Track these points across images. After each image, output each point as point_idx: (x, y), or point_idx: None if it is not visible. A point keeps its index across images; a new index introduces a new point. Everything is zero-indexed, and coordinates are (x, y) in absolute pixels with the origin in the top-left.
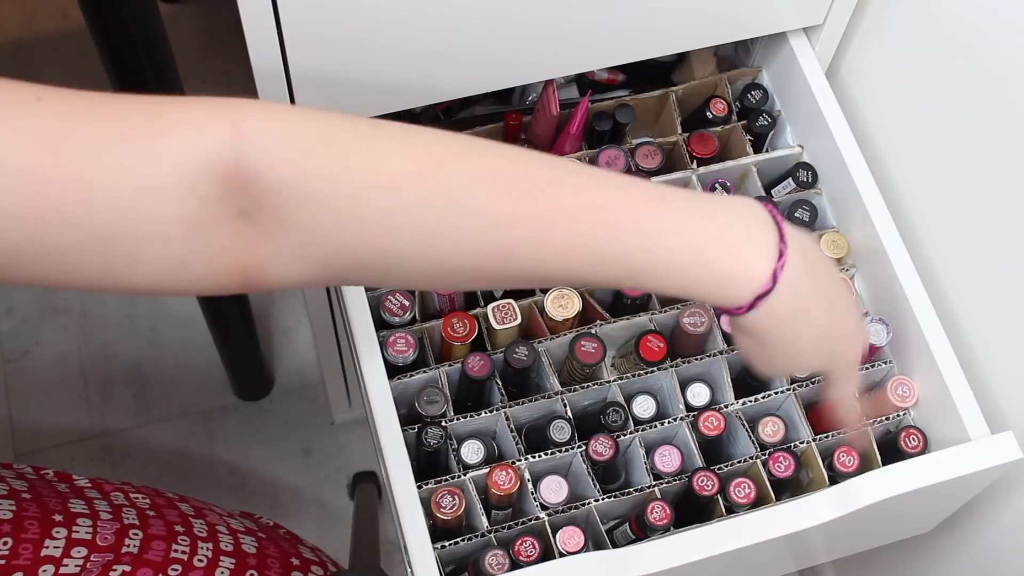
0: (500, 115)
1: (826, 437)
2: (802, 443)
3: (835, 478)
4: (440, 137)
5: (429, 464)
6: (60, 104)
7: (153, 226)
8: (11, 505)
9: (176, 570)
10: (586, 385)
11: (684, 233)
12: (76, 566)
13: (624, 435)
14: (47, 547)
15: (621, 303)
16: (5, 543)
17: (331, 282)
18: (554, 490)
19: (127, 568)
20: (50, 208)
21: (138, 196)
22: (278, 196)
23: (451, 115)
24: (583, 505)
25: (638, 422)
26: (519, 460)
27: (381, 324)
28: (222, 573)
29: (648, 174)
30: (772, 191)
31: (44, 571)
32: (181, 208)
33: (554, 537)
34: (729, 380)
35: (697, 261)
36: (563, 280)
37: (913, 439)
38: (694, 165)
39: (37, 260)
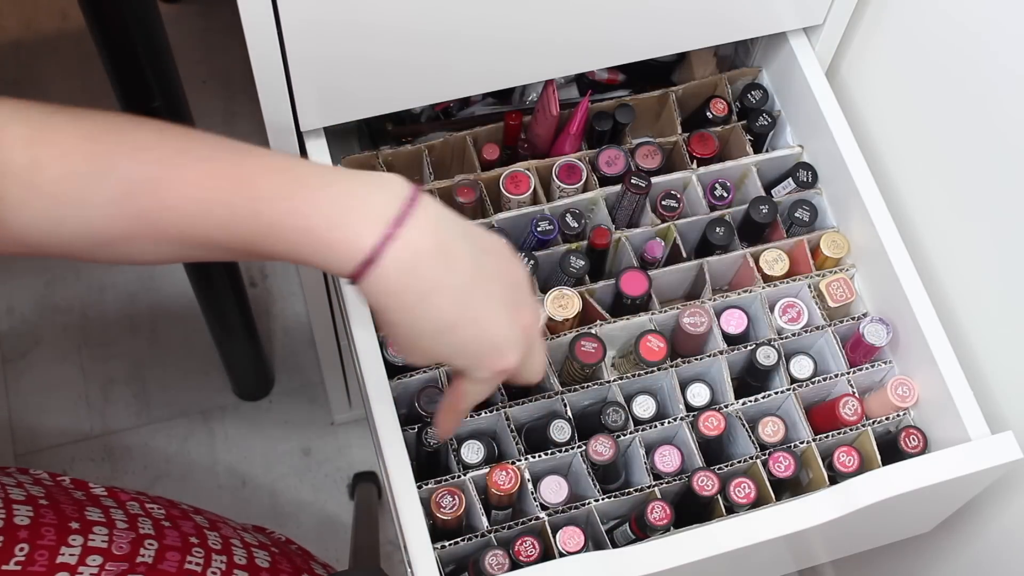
0: (500, 115)
1: (826, 437)
2: (802, 443)
3: (835, 478)
4: (106, 115)
5: (429, 464)
6: None
7: None
8: (29, 511)
9: None
10: (586, 385)
11: (293, 199)
12: (91, 574)
13: (624, 435)
14: (63, 554)
15: (621, 303)
16: (21, 549)
17: (38, 254)
18: (554, 490)
19: None
20: None
21: None
22: None
23: (451, 115)
24: (583, 505)
25: (638, 422)
26: (519, 460)
27: None
28: None
29: (648, 174)
30: (772, 191)
31: None
32: None
33: (554, 537)
34: (729, 380)
35: (303, 226)
36: (210, 244)
37: (913, 439)
38: (694, 165)
39: None
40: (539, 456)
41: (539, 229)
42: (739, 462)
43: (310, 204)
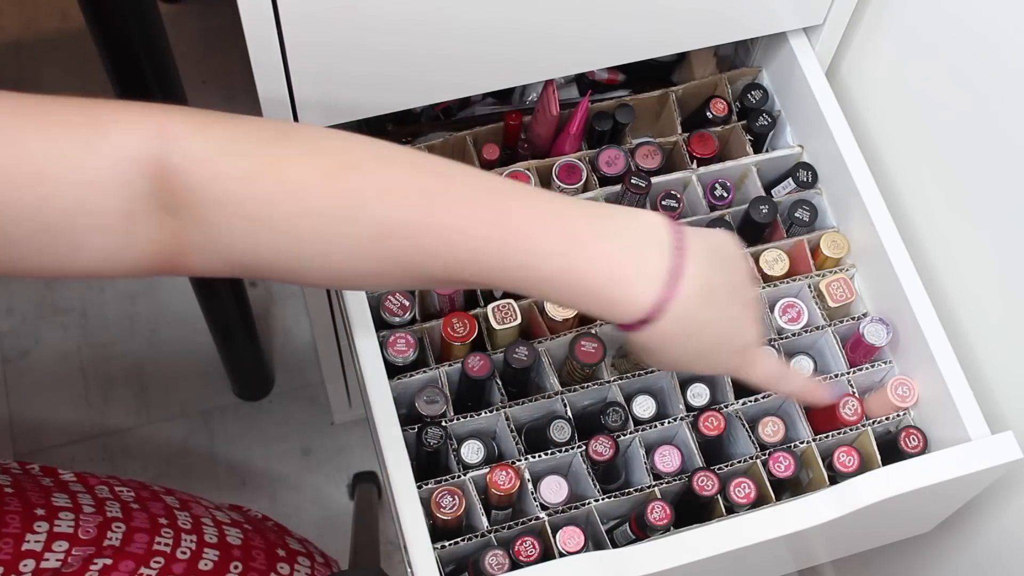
0: (500, 115)
1: (826, 437)
2: (802, 443)
3: (835, 478)
4: (345, 143)
5: (429, 464)
6: (10, 104)
7: (96, 216)
8: None
9: (159, 563)
10: (586, 385)
11: (569, 255)
12: (57, 560)
13: (624, 435)
14: (28, 541)
15: None
16: None
17: (249, 275)
18: (554, 490)
19: (108, 561)
20: (8, 201)
21: (84, 189)
22: (195, 195)
23: (451, 115)
24: (583, 505)
25: (638, 422)
26: (519, 460)
27: (381, 324)
28: (205, 565)
29: (648, 174)
30: (772, 191)
31: (25, 566)
32: (119, 201)
33: (554, 537)
34: (729, 380)
35: (581, 284)
36: (459, 285)
37: (913, 439)
38: (694, 165)
39: None
40: (539, 456)
41: None
42: (739, 462)
43: (588, 262)
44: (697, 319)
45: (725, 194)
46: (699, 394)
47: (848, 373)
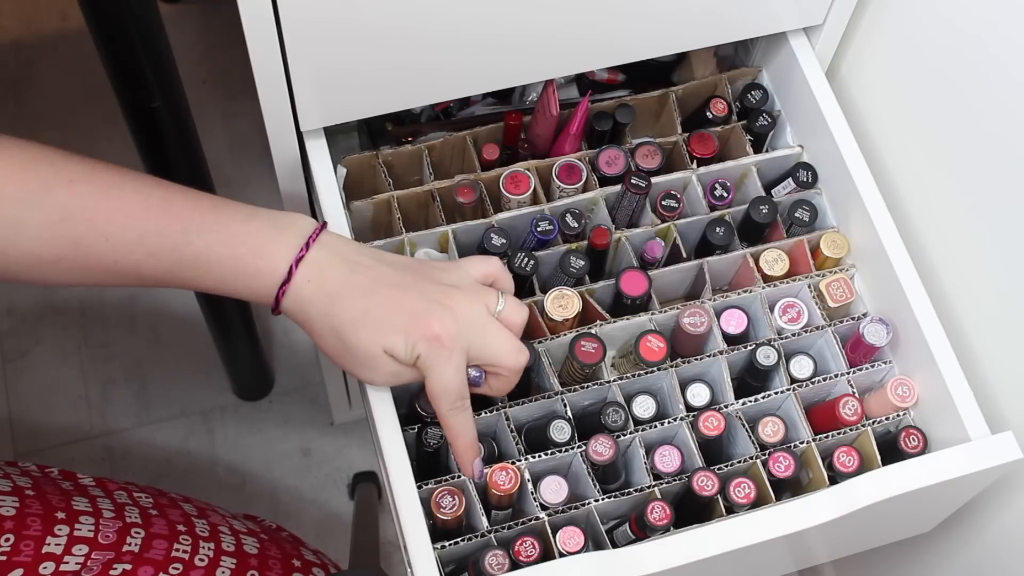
0: (500, 115)
1: (826, 437)
2: (802, 443)
3: (835, 478)
4: (37, 146)
5: (429, 464)
6: None
7: None
8: (15, 502)
9: (177, 569)
10: (586, 385)
11: (221, 231)
12: (77, 564)
13: (624, 435)
14: (48, 544)
15: (621, 303)
16: (7, 539)
17: None
18: (554, 490)
19: (128, 567)
20: None
21: None
22: None
23: (451, 115)
24: (583, 505)
25: (638, 422)
26: (519, 460)
27: None
28: (223, 573)
29: (648, 174)
30: (772, 191)
31: (45, 568)
32: None
33: (554, 537)
34: (729, 380)
35: (230, 255)
36: (132, 273)
37: (913, 439)
38: (694, 165)
39: None
40: (539, 456)
41: (539, 229)
42: (739, 462)
43: (237, 236)
44: (333, 280)
45: (725, 194)
46: (699, 394)
47: (848, 373)
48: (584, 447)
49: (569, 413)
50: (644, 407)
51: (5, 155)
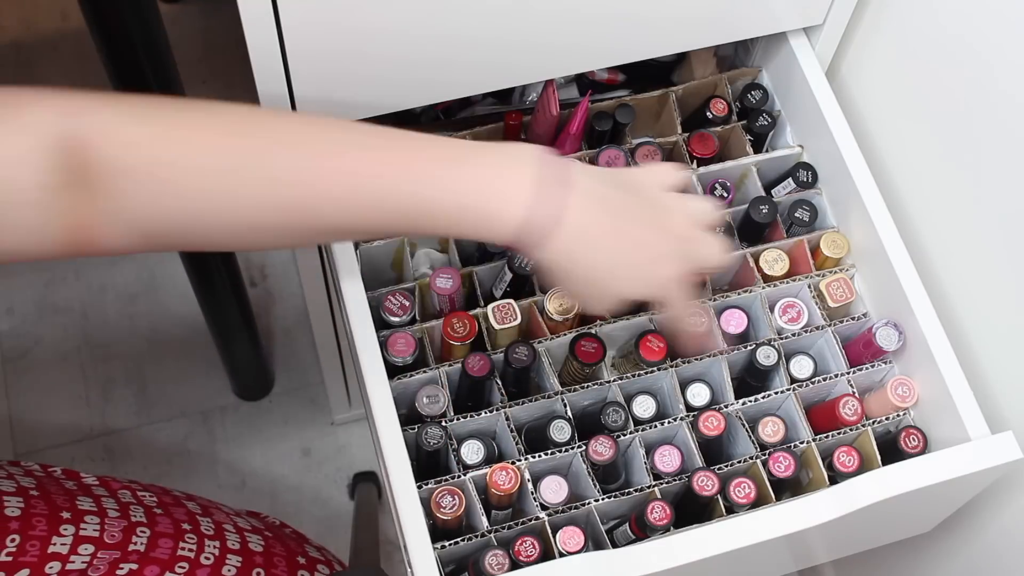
0: (500, 115)
1: (826, 437)
2: (802, 443)
3: (835, 478)
4: (241, 107)
5: (429, 464)
6: None
7: (13, 193)
8: (19, 502)
9: (183, 568)
10: (586, 385)
11: (448, 176)
12: (83, 563)
13: (624, 435)
14: (54, 544)
15: None
16: (13, 540)
17: (154, 246)
18: (554, 490)
19: (134, 566)
20: None
21: (6, 167)
22: (106, 164)
23: (451, 115)
24: (583, 505)
25: (638, 422)
26: (519, 460)
27: (381, 324)
28: (229, 571)
29: None
30: (772, 191)
31: (51, 568)
32: (35, 175)
33: (554, 537)
34: (729, 380)
35: (460, 201)
36: (359, 229)
37: (913, 439)
38: (694, 165)
39: None
40: (539, 456)
41: None
42: (739, 462)
43: (466, 179)
44: (594, 226)
45: (725, 194)
46: (699, 394)
47: (848, 373)
48: (584, 447)
49: (569, 413)
50: (644, 407)
51: (207, 122)
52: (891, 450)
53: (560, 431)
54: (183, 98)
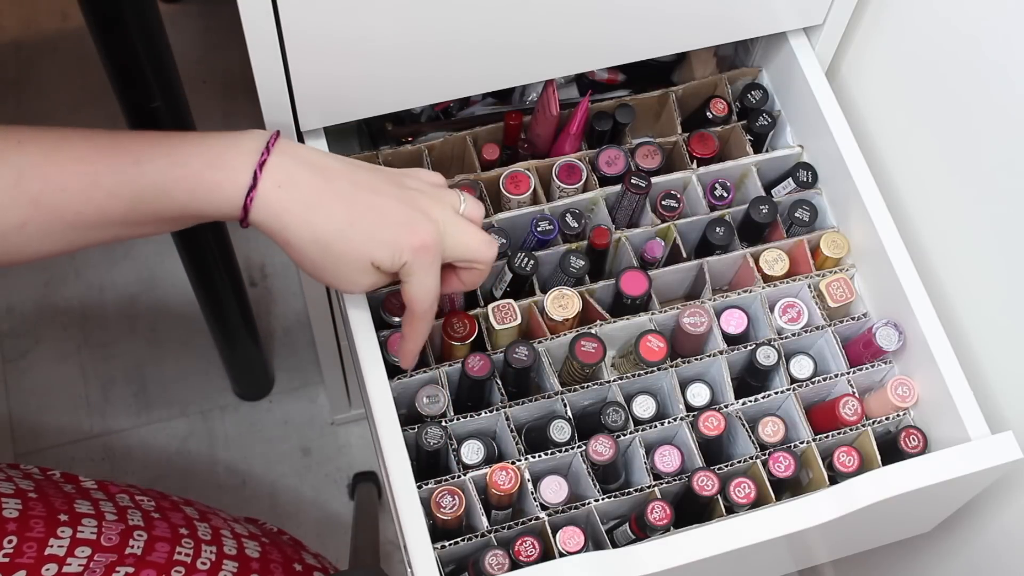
0: (500, 115)
1: (826, 437)
2: (802, 443)
3: (835, 478)
4: None
5: (429, 464)
6: None
7: None
8: (17, 504)
9: (179, 572)
10: (586, 385)
11: (173, 154)
12: (80, 565)
13: (624, 435)
14: (51, 546)
15: (621, 303)
16: (10, 541)
17: None
18: (554, 490)
19: (130, 570)
20: None
21: None
22: None
23: (451, 115)
24: (583, 505)
25: (638, 422)
26: (519, 460)
27: (381, 324)
28: None
29: (648, 174)
30: (772, 191)
31: (47, 570)
32: None
33: (554, 537)
34: (729, 380)
35: (186, 174)
36: (102, 220)
37: (913, 439)
38: (694, 165)
39: None
40: (539, 456)
41: (539, 229)
42: (739, 462)
43: (189, 155)
44: (305, 187)
45: (725, 194)
46: (699, 394)
47: (848, 373)
48: (584, 447)
49: (569, 413)
50: (644, 407)
51: None
52: (891, 450)
53: (560, 431)
54: None
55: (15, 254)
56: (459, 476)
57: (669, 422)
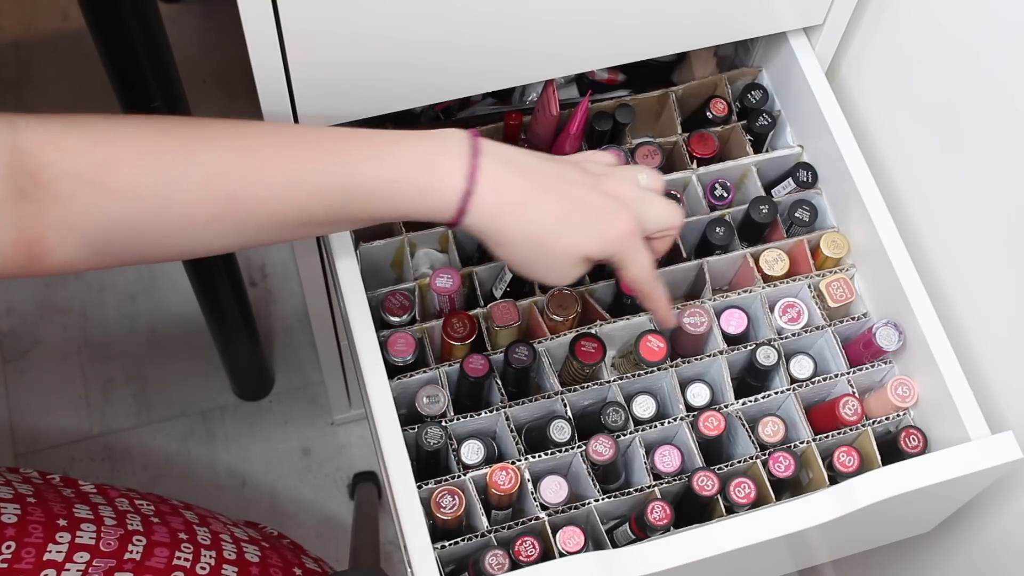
0: (500, 115)
1: (826, 437)
2: (802, 443)
3: (835, 478)
4: (168, 118)
5: (429, 464)
6: None
7: None
8: (16, 509)
9: None
10: (586, 385)
11: (383, 157)
12: (78, 571)
13: (624, 435)
14: (50, 551)
15: (621, 303)
16: (8, 547)
17: (113, 261)
18: (554, 490)
19: (129, 575)
20: None
21: None
22: (46, 171)
23: (451, 115)
24: (583, 505)
25: (638, 422)
26: (519, 460)
27: (381, 324)
28: None
29: None
30: (772, 191)
31: (46, 575)
32: None
33: (554, 537)
34: (729, 380)
35: (398, 178)
36: (299, 218)
37: (913, 439)
38: (694, 165)
39: None
40: (539, 456)
41: None
42: (739, 462)
43: (400, 160)
44: (515, 187)
45: (725, 194)
46: (699, 394)
47: (848, 373)
48: (584, 447)
49: (569, 413)
50: (644, 407)
51: (137, 129)
52: (891, 450)
53: (560, 431)
54: (123, 115)
55: (200, 248)
56: (459, 476)
57: (669, 422)
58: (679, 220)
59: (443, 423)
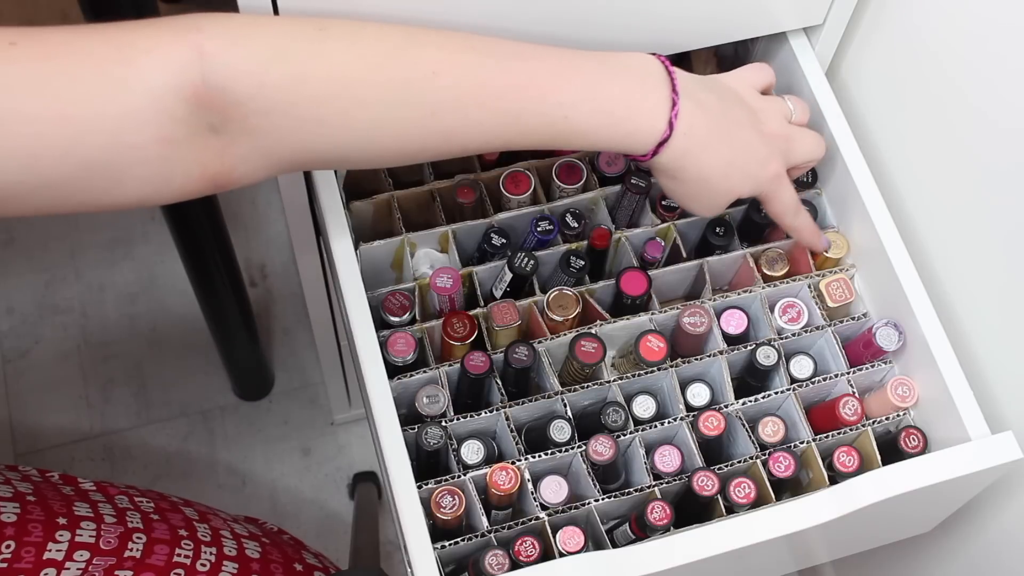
0: None
1: (826, 437)
2: (802, 443)
3: (835, 478)
4: (382, 30)
5: (429, 464)
6: (34, 46)
7: (134, 149)
8: (16, 508)
9: (179, 574)
10: (586, 385)
11: (595, 99)
12: (78, 570)
13: (624, 435)
14: (50, 550)
15: (621, 303)
16: (8, 546)
17: (290, 171)
18: (554, 490)
19: (129, 573)
20: (43, 145)
21: (119, 124)
22: (243, 108)
23: None
24: (583, 505)
25: (638, 422)
26: (519, 460)
27: (381, 324)
28: None
29: (648, 174)
30: None
31: (46, 574)
32: (157, 130)
33: (554, 537)
34: (729, 380)
35: (607, 122)
36: (501, 147)
37: (913, 439)
38: None
39: (35, 193)
40: (539, 456)
41: (539, 229)
42: (739, 462)
43: (611, 102)
44: (701, 131)
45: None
46: (699, 394)
47: (848, 373)
48: (584, 447)
49: (569, 413)
50: (644, 407)
51: (360, 51)
52: (891, 450)
53: (560, 431)
54: (315, 18)
55: (386, 163)
56: (459, 476)
57: (669, 422)
58: (822, 152)
59: (443, 423)
